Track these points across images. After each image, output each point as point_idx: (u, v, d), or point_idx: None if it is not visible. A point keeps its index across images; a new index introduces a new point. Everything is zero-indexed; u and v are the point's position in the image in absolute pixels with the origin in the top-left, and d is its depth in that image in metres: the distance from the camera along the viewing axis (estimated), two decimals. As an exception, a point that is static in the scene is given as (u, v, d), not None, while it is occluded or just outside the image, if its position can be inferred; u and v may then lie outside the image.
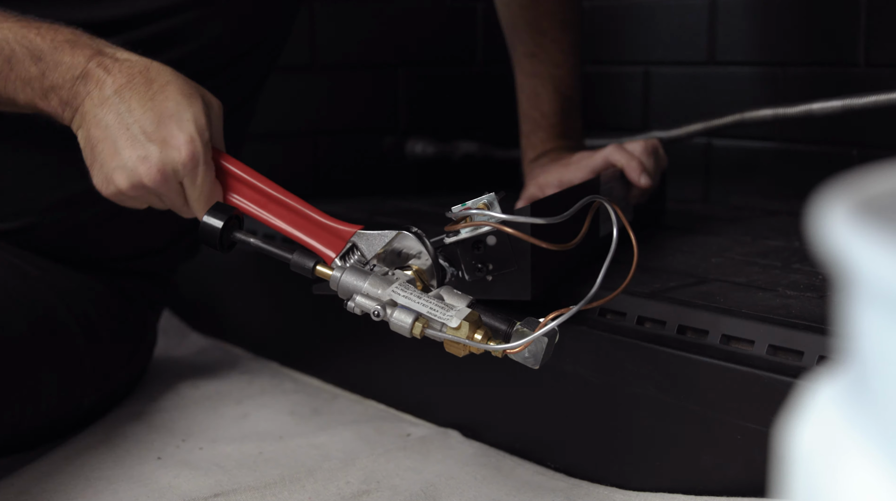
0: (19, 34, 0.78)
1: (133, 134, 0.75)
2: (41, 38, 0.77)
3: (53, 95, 0.78)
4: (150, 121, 0.75)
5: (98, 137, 0.76)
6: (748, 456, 0.73)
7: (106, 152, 0.76)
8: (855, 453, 0.21)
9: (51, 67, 0.77)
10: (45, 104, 0.78)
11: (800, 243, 1.01)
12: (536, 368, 0.68)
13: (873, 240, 0.20)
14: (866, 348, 0.21)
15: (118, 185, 0.76)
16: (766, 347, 0.73)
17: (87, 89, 0.77)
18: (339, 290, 0.71)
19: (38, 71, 0.77)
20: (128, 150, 0.75)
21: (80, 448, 0.91)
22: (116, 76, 0.76)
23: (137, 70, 0.77)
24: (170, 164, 0.75)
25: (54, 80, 0.77)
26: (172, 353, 1.20)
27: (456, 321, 0.67)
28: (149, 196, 0.77)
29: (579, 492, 0.81)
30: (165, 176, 0.75)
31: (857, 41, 1.17)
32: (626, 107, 1.43)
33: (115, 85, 0.76)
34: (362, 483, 0.83)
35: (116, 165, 0.75)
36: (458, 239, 0.73)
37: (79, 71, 0.77)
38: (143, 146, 0.75)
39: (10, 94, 0.79)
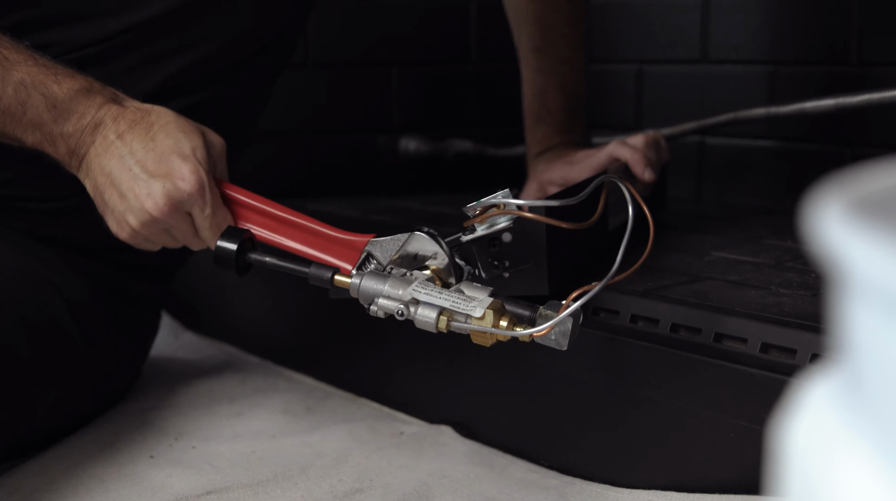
0: (37, 79, 0.78)
1: (136, 174, 0.77)
2: (58, 86, 0.79)
3: (62, 142, 0.79)
4: (151, 159, 0.77)
5: (104, 184, 0.78)
6: (741, 454, 0.73)
7: (114, 197, 0.78)
8: (849, 451, 0.21)
9: (63, 115, 0.78)
10: (53, 150, 0.80)
11: (793, 242, 1.01)
12: (564, 349, 0.69)
13: (867, 238, 0.20)
14: (860, 345, 0.21)
15: (131, 225, 0.77)
16: (758, 345, 0.73)
17: (94, 138, 0.78)
18: (361, 296, 0.72)
19: (50, 117, 0.78)
20: (133, 191, 0.77)
21: (72, 448, 0.91)
22: (120, 123, 0.78)
23: (140, 115, 0.79)
24: (176, 194, 0.76)
25: (65, 128, 0.79)
26: (166, 352, 1.20)
27: (480, 311, 0.68)
28: (160, 234, 0.79)
29: (572, 490, 0.81)
30: (173, 207, 0.76)
31: (850, 40, 1.17)
32: (619, 105, 1.44)
33: (118, 131, 0.78)
34: (355, 481, 0.83)
35: (125, 208, 0.77)
36: (473, 237, 0.73)
37: (88, 120, 0.78)
38: (146, 184, 0.76)
39: (19, 135, 0.80)
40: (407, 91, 1.47)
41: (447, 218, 0.75)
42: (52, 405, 0.90)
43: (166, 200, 0.76)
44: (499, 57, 1.23)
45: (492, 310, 0.68)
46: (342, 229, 0.77)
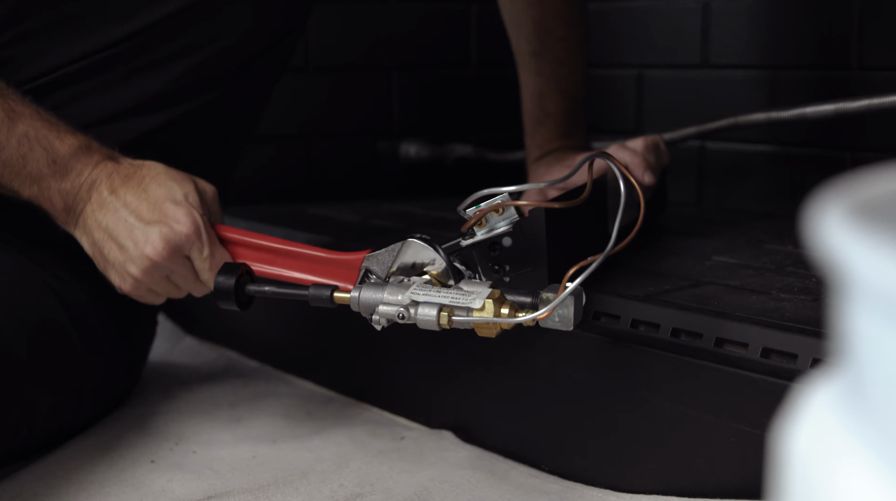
0: (41, 133, 0.80)
1: (132, 224, 0.79)
2: (60, 142, 0.80)
3: (59, 197, 0.81)
4: (145, 208, 0.79)
5: (102, 239, 0.80)
6: (742, 459, 0.73)
7: (114, 250, 0.80)
8: (851, 457, 0.21)
9: (62, 171, 0.80)
10: (49, 205, 0.81)
11: (793, 246, 1.01)
12: (570, 329, 0.69)
13: (869, 244, 0.20)
14: (862, 351, 0.21)
15: (133, 274, 0.80)
16: (759, 350, 0.73)
17: (90, 195, 0.81)
18: (362, 308, 0.72)
19: (50, 172, 0.80)
20: (131, 239, 0.79)
21: (73, 453, 0.90)
22: (114, 178, 0.80)
23: (132, 170, 0.81)
24: (173, 237, 0.78)
25: (63, 184, 0.80)
26: (166, 357, 1.20)
27: (479, 302, 0.68)
28: (162, 282, 0.81)
29: (573, 495, 0.81)
30: (172, 250, 0.78)
31: (851, 45, 1.17)
32: (620, 110, 1.44)
33: (112, 186, 0.80)
34: (356, 486, 0.83)
35: (125, 258, 0.79)
36: (473, 241, 0.73)
37: (85, 177, 0.81)
38: (143, 231, 0.79)
39: (16, 187, 0.81)
40: (407, 95, 1.47)
41: (448, 222, 0.75)
42: (52, 407, 0.90)
43: (164, 243, 0.78)
44: (499, 61, 1.23)
45: (491, 300, 0.68)
46: (342, 231, 0.78)
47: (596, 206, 0.87)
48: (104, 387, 0.98)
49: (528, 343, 0.87)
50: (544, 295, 0.69)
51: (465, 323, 0.69)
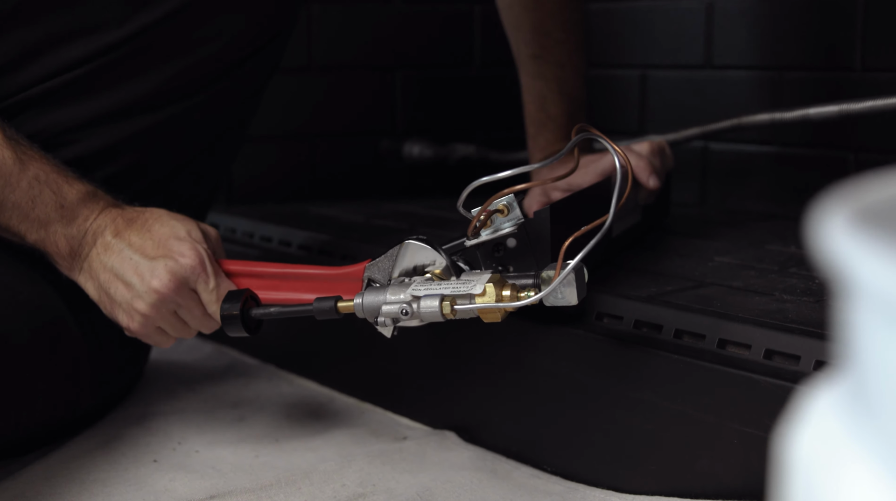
0: (51, 177, 0.82)
1: (137, 261, 0.81)
2: (69, 187, 0.82)
3: (65, 242, 0.82)
4: (150, 246, 0.81)
5: (108, 280, 0.82)
6: (744, 460, 0.73)
7: (120, 289, 0.81)
8: (854, 461, 0.21)
9: (70, 216, 0.82)
10: (55, 250, 0.83)
11: (797, 248, 1.01)
12: (575, 303, 0.69)
13: (872, 248, 0.20)
14: (865, 355, 0.21)
15: (140, 311, 0.81)
16: (762, 351, 0.73)
17: (95, 240, 0.82)
18: (367, 313, 0.72)
19: (57, 216, 0.82)
20: (136, 277, 0.80)
21: (76, 451, 0.91)
22: (118, 221, 0.82)
23: (136, 214, 0.83)
24: (179, 270, 0.80)
25: (70, 229, 0.82)
26: (168, 356, 1.20)
27: (480, 287, 0.68)
28: (171, 318, 0.82)
29: (575, 496, 0.81)
30: (178, 282, 0.80)
31: (854, 46, 1.17)
32: (623, 110, 1.44)
33: (116, 230, 0.82)
34: (358, 485, 0.83)
35: (132, 295, 0.81)
36: (478, 242, 0.73)
37: (90, 223, 0.82)
38: (149, 267, 0.80)
39: (23, 231, 0.82)
40: (410, 95, 1.47)
41: (451, 222, 0.75)
42: (50, 393, 0.90)
43: (170, 276, 0.79)
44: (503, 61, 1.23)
45: (492, 284, 0.68)
46: (346, 231, 0.78)
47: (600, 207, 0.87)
48: (104, 376, 0.98)
49: (531, 344, 0.87)
50: (545, 274, 0.69)
51: (470, 311, 0.69)
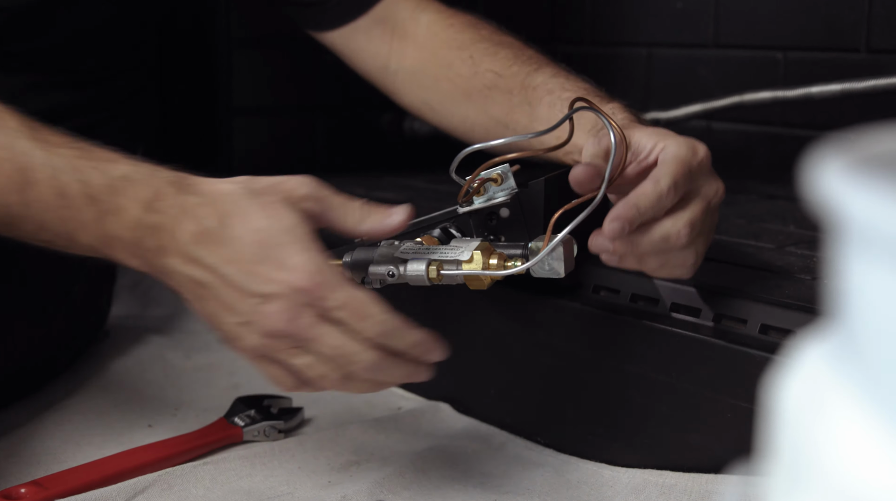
0: (74, 164, 0.66)
1: (237, 284, 0.63)
2: (97, 173, 0.66)
3: (117, 243, 0.66)
4: (248, 259, 0.63)
5: (204, 296, 0.66)
6: (738, 434, 0.73)
7: (221, 310, 0.65)
8: (842, 402, 0.21)
9: (109, 212, 0.65)
10: (110, 251, 0.67)
11: (795, 227, 1.01)
12: (562, 275, 0.68)
13: (865, 187, 0.20)
14: (854, 295, 0.21)
15: (249, 341, 0.65)
16: (758, 326, 0.73)
17: (160, 243, 0.65)
18: (353, 271, 0.72)
19: (94, 214, 0.66)
20: (242, 303, 0.64)
21: (70, 414, 0.91)
22: (185, 223, 0.64)
23: (206, 210, 0.64)
24: (292, 297, 0.62)
25: (115, 229, 0.66)
26: (164, 325, 1.20)
27: (467, 254, 0.68)
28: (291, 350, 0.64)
29: (568, 468, 0.81)
30: (294, 311, 0.62)
31: (859, 27, 1.16)
32: (628, 88, 1.43)
33: (190, 236, 0.64)
34: (352, 453, 0.84)
35: (239, 321, 0.64)
36: (470, 209, 0.73)
37: (142, 222, 0.65)
38: (256, 288, 0.63)
39: (70, 231, 0.67)
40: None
41: (451, 195, 0.75)
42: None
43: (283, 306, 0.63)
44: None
45: (479, 251, 0.68)
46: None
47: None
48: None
49: (527, 316, 0.87)
50: (533, 245, 0.69)
51: (456, 277, 0.69)
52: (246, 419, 0.87)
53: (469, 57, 0.92)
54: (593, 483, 0.79)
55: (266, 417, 0.88)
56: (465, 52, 0.93)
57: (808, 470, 0.22)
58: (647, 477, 0.77)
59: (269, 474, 0.80)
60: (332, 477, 0.80)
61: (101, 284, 1.09)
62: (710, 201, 0.69)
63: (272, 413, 0.88)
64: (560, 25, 1.49)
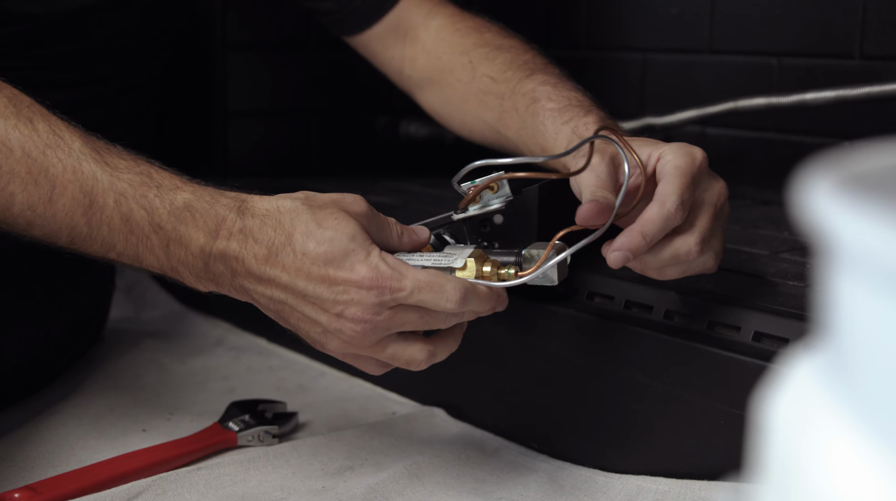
0: (139, 191, 0.68)
1: (312, 296, 0.66)
2: (160, 201, 0.67)
3: (185, 270, 0.69)
4: (318, 271, 0.65)
5: (283, 310, 0.68)
6: (731, 441, 0.73)
7: (303, 322, 0.68)
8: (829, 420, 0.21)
9: (174, 240, 0.68)
10: (177, 276, 0.70)
11: (789, 233, 1.01)
12: (556, 284, 0.69)
13: (855, 210, 0.20)
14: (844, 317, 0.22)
15: (334, 347, 0.68)
16: (751, 333, 0.73)
17: (230, 267, 0.68)
18: None
19: (159, 241, 0.68)
20: (321, 314, 0.66)
21: (64, 418, 0.91)
22: (252, 247, 0.66)
23: (270, 231, 0.66)
24: (366, 300, 0.65)
25: (181, 256, 0.68)
26: (159, 329, 1.20)
27: (461, 261, 0.68)
28: (377, 346, 0.68)
29: (562, 474, 0.81)
30: (373, 311, 0.65)
31: (853, 34, 1.17)
32: (622, 93, 1.43)
33: (258, 259, 0.66)
34: (346, 459, 0.84)
35: (322, 330, 0.67)
36: (465, 216, 0.73)
37: (207, 250, 0.67)
38: (332, 297, 0.65)
39: (137, 254, 0.69)
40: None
41: (446, 199, 0.75)
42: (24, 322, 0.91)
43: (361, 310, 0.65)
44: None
45: (473, 258, 0.68)
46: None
47: None
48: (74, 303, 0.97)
49: (521, 322, 0.87)
50: (527, 253, 0.69)
51: None
52: (240, 424, 0.87)
53: (469, 62, 0.93)
54: (587, 489, 0.79)
55: (260, 422, 0.88)
56: (465, 57, 0.94)
57: (795, 487, 0.23)
58: (641, 484, 0.77)
59: (264, 479, 0.80)
60: (326, 482, 0.80)
61: (101, 289, 1.09)
62: (716, 206, 0.70)
63: (267, 418, 0.88)
64: (555, 30, 1.50)
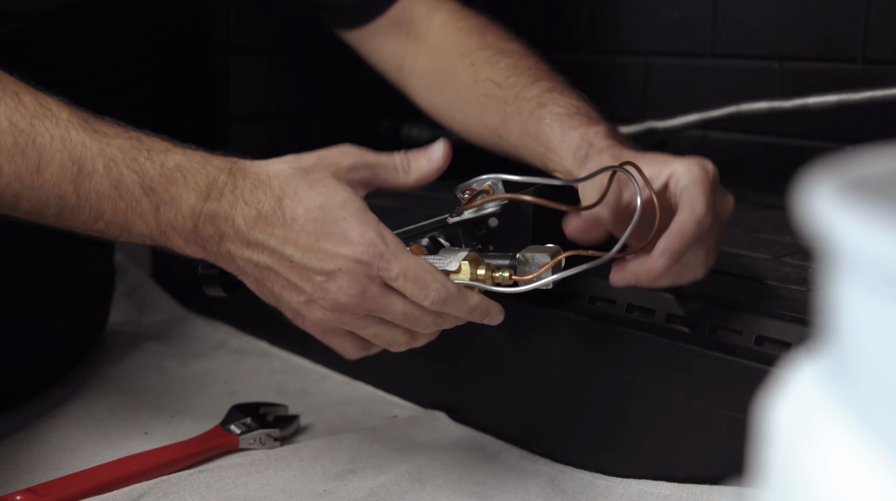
0: (128, 155, 0.67)
1: (299, 264, 0.65)
2: (150, 163, 0.67)
3: (174, 234, 0.68)
4: (307, 238, 0.65)
5: (267, 278, 0.67)
6: (733, 445, 0.73)
7: (286, 291, 0.67)
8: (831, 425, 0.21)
9: (165, 202, 0.67)
10: (166, 241, 0.69)
11: (791, 237, 1.01)
12: (550, 287, 0.69)
13: (857, 215, 0.20)
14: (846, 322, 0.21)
15: (316, 317, 0.68)
16: (753, 337, 0.73)
17: (218, 230, 0.67)
18: None
19: (150, 205, 0.67)
20: (306, 282, 0.66)
21: (65, 421, 0.91)
22: (242, 209, 0.66)
23: (260, 194, 0.66)
24: (355, 270, 0.64)
25: (171, 218, 0.67)
26: (161, 331, 1.20)
27: (455, 264, 0.68)
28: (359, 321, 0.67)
29: (563, 477, 0.81)
30: (360, 284, 0.65)
31: (856, 38, 1.17)
32: (625, 97, 1.43)
33: (248, 221, 0.66)
34: (348, 462, 0.84)
35: (306, 299, 0.67)
36: (460, 219, 0.73)
37: (197, 211, 0.67)
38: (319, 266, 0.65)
39: (126, 221, 0.68)
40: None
41: (448, 203, 0.75)
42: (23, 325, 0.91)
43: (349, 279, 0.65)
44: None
45: (468, 261, 0.68)
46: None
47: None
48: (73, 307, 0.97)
49: (522, 325, 0.87)
50: (521, 256, 0.69)
51: None
52: (242, 427, 0.87)
53: (471, 64, 0.93)
54: (589, 492, 0.79)
55: (262, 425, 0.88)
56: (467, 58, 0.94)
57: (797, 491, 0.22)
58: (643, 488, 0.77)
59: (265, 482, 0.80)
60: (327, 486, 0.80)
61: (101, 291, 1.09)
62: (723, 220, 0.72)
63: (268, 421, 0.88)
64: (558, 34, 1.50)
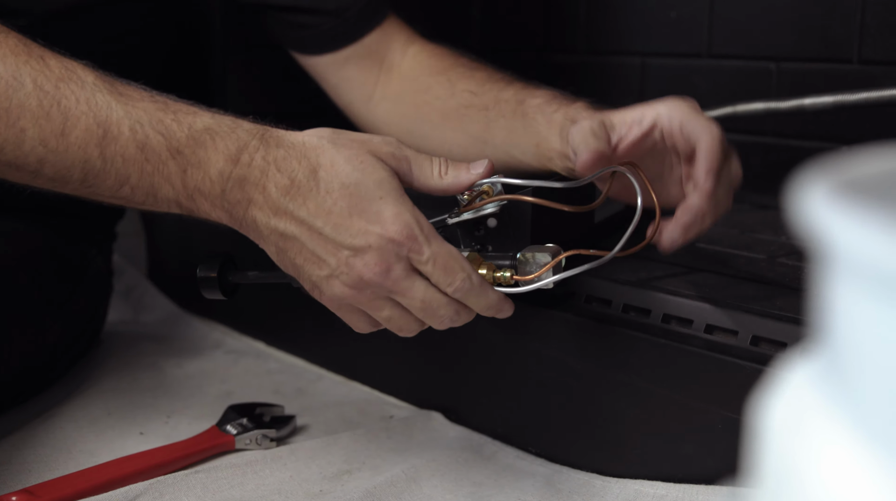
0: (155, 117, 0.66)
1: (328, 237, 0.64)
2: (178, 125, 0.66)
3: (201, 198, 0.66)
4: (339, 212, 0.64)
5: (290, 248, 0.66)
6: (729, 446, 0.73)
7: (308, 263, 0.66)
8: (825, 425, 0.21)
9: (192, 165, 0.65)
10: (193, 205, 0.67)
11: (787, 237, 1.01)
12: (551, 287, 0.69)
13: (851, 216, 0.20)
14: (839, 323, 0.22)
15: (334, 292, 0.67)
16: (749, 337, 0.73)
17: (247, 196, 0.65)
18: None
19: (177, 167, 0.65)
20: (332, 256, 0.65)
21: (61, 421, 0.91)
22: (274, 176, 0.65)
23: (295, 163, 0.65)
24: (386, 248, 0.64)
25: (198, 181, 0.66)
26: (157, 332, 1.20)
27: None
28: (376, 302, 0.67)
29: (559, 478, 0.81)
30: (387, 263, 0.64)
31: (852, 38, 1.17)
32: (622, 98, 1.43)
33: (279, 188, 0.65)
34: (343, 462, 0.84)
35: (328, 274, 0.66)
36: (459, 220, 0.73)
37: (226, 175, 0.65)
38: (349, 241, 0.64)
39: (152, 185, 0.66)
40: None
41: (449, 202, 0.75)
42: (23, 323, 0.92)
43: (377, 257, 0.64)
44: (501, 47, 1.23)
45: (469, 261, 0.69)
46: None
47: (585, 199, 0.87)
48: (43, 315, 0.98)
49: (518, 326, 0.87)
50: (521, 256, 0.70)
51: None
52: (238, 428, 0.87)
53: (447, 80, 0.95)
54: (584, 492, 0.79)
55: (258, 425, 0.88)
56: (442, 76, 0.95)
57: (791, 491, 0.23)
58: (639, 488, 0.77)
59: (261, 483, 0.80)
60: (323, 486, 0.80)
61: (98, 293, 1.09)
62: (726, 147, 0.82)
63: (264, 422, 0.88)
64: (554, 35, 1.50)
